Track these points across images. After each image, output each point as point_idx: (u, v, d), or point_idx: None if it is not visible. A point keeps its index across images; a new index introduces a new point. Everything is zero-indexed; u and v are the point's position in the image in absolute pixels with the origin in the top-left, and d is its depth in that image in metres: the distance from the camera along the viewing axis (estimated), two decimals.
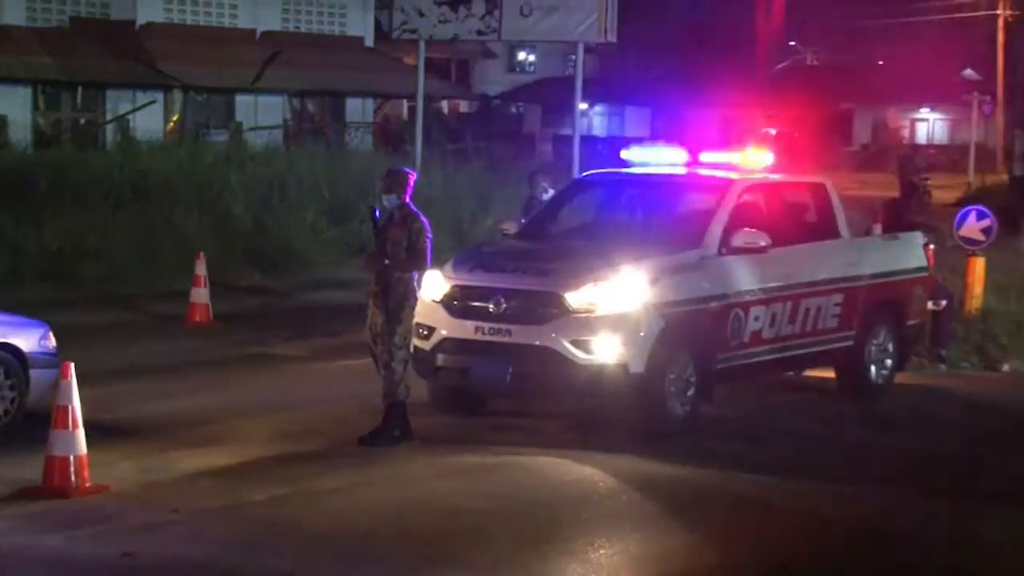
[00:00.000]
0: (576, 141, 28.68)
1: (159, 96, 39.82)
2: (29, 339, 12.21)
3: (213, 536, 9.35)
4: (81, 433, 10.16)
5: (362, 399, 12.76)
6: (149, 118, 38.41)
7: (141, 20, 40.56)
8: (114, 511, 9.78)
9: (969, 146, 59.36)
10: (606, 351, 11.95)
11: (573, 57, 30.55)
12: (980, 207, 18.36)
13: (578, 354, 11.97)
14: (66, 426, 10.10)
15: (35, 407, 11.58)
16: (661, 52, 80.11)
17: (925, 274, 15.22)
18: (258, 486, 10.52)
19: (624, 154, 14.75)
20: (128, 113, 38.21)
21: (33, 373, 12.01)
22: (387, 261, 11.93)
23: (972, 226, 17.69)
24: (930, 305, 15.53)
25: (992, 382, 15.86)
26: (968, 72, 70.29)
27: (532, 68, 77.57)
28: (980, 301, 17.47)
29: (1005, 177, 40.25)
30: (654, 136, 44.73)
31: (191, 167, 27.14)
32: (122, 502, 10.01)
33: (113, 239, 21.89)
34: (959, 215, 18.21)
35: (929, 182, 40.90)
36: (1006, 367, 16.32)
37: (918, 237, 15.46)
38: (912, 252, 15.12)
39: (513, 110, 74.04)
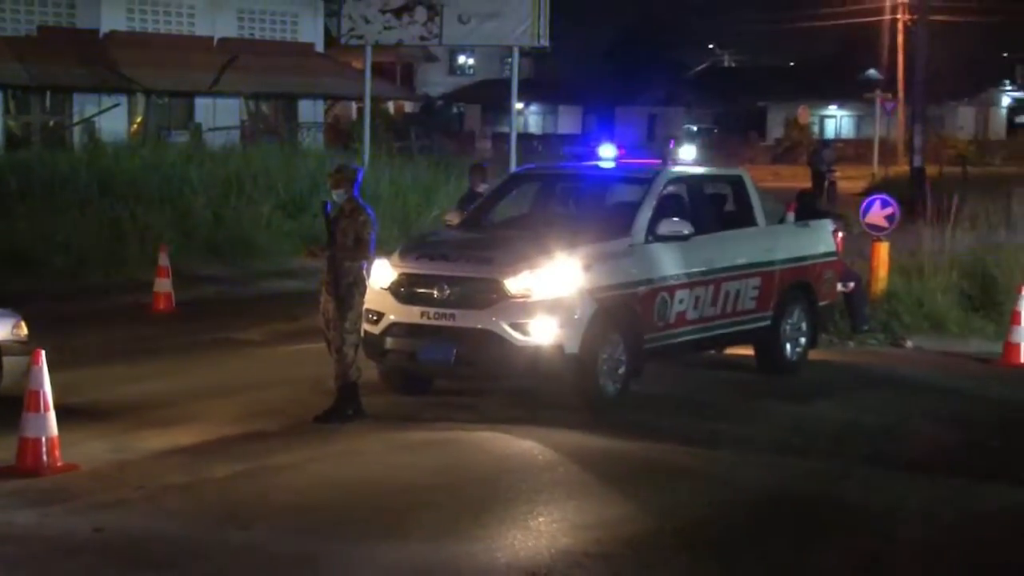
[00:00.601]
0: (513, 138, 28.72)
1: (123, 100, 39.70)
2: (2, 328, 12.03)
3: (178, 511, 9.29)
4: (52, 415, 10.11)
5: (316, 380, 12.71)
6: (114, 120, 38.32)
7: (105, 28, 40.62)
8: (84, 489, 9.70)
9: (873, 140, 59.81)
10: (543, 333, 11.94)
11: (510, 60, 30.42)
12: (884, 196, 18.47)
13: (517, 336, 11.96)
14: (37, 409, 10.04)
15: (8, 392, 11.37)
16: (592, 55, 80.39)
17: (834, 259, 15.31)
18: (220, 463, 10.46)
19: (600, 149, 14.71)
20: (94, 116, 38.05)
21: (5, 360, 11.81)
22: (335, 252, 11.85)
23: (876, 214, 17.80)
24: (840, 287, 15.63)
25: (897, 358, 15.96)
26: (871, 72, 70.88)
27: (472, 71, 77.71)
28: (885, 283, 17.59)
29: (906, 168, 40.46)
30: (587, 137, 44.90)
31: (154, 165, 27.00)
32: (92, 480, 9.93)
33: (81, 233, 21.71)
34: (864, 204, 18.32)
35: (837, 174, 41.40)
36: (909, 344, 16.44)
37: (828, 224, 15.55)
38: (822, 238, 15.20)
39: (454, 110, 74.20)
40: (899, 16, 64.38)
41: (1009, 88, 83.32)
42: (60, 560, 8.25)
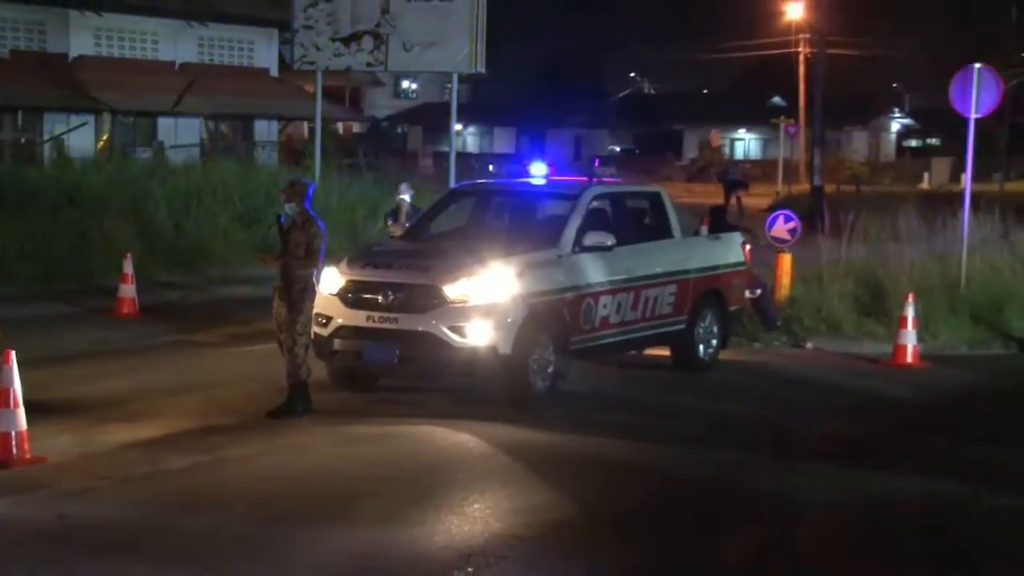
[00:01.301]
0: (452, 156, 28.78)
1: (90, 119, 39.50)
2: None
3: (139, 500, 9.21)
4: (21, 411, 9.99)
5: (269, 379, 12.59)
6: (82, 138, 38.02)
7: (74, 53, 40.50)
8: (51, 479, 9.59)
9: (778, 161, 60.38)
10: (479, 335, 11.92)
11: (449, 85, 30.39)
12: (787, 212, 18.63)
13: (455, 338, 11.95)
14: (8, 405, 9.93)
15: None
16: (525, 80, 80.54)
17: (743, 268, 15.39)
18: (179, 455, 10.37)
19: (532, 166, 14.77)
20: (63, 134, 37.72)
21: None
22: (288, 260, 11.81)
23: (780, 228, 17.92)
24: (748, 294, 15.70)
25: (798, 358, 16.06)
26: (776, 99, 71.54)
27: (414, 94, 77.74)
28: (788, 290, 17.73)
29: (807, 187, 40.88)
30: (520, 156, 44.94)
31: (119, 180, 26.76)
32: (58, 471, 9.81)
33: (50, 242, 21.50)
34: (770, 219, 18.44)
35: (746, 190, 41.74)
36: (809, 345, 16.55)
37: (737, 237, 15.63)
38: (732, 250, 15.27)
39: (399, 130, 74.17)
40: (800, 49, 64.90)
41: (898, 115, 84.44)
42: (27, 545, 8.13)
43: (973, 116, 18.10)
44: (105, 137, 39.65)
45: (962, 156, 19.13)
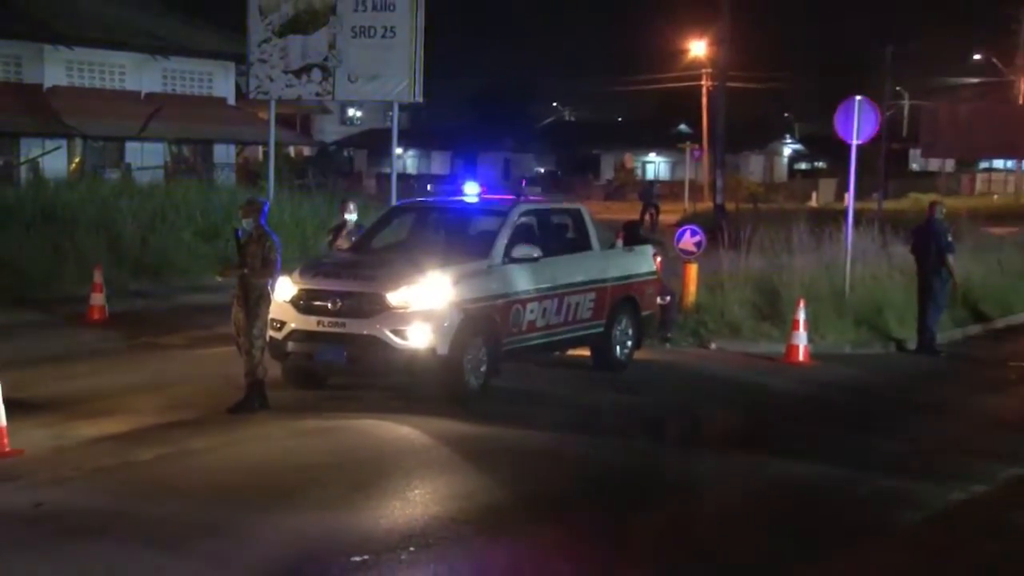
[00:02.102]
0: (394, 177, 28.58)
1: (63, 143, 39.16)
2: None
3: (109, 488, 9.12)
4: (1, 408, 9.83)
5: (228, 378, 12.47)
6: (56, 161, 37.74)
7: (48, 83, 40.14)
8: (27, 470, 9.47)
9: (684, 181, 60.82)
10: (419, 338, 11.89)
11: (391, 112, 30.31)
12: (693, 227, 18.69)
13: (397, 341, 11.91)
14: None
15: None
16: (459, 107, 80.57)
17: (654, 277, 15.42)
18: (145, 447, 10.27)
19: (465, 186, 14.69)
20: (38, 157, 37.42)
21: None
22: (245, 271, 11.75)
23: (687, 241, 18.01)
24: (659, 300, 15.76)
25: (704, 357, 16.12)
26: (683, 126, 72.10)
27: (359, 121, 77.43)
28: (694, 297, 17.81)
29: (710, 204, 41.20)
30: (454, 177, 44.97)
31: (90, 198, 26.47)
32: (34, 463, 9.68)
33: (27, 255, 21.22)
34: (678, 233, 18.52)
35: (657, 208, 42.14)
36: (713, 346, 16.64)
37: (649, 249, 15.67)
38: (645, 261, 15.32)
39: (345, 153, 73.84)
40: (703, 83, 65.49)
41: (789, 141, 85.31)
42: (5, 530, 8.04)
43: (855, 142, 18.33)
44: (77, 160, 39.37)
45: (846, 177, 19.34)
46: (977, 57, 68.58)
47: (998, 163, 74.43)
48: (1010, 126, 57.13)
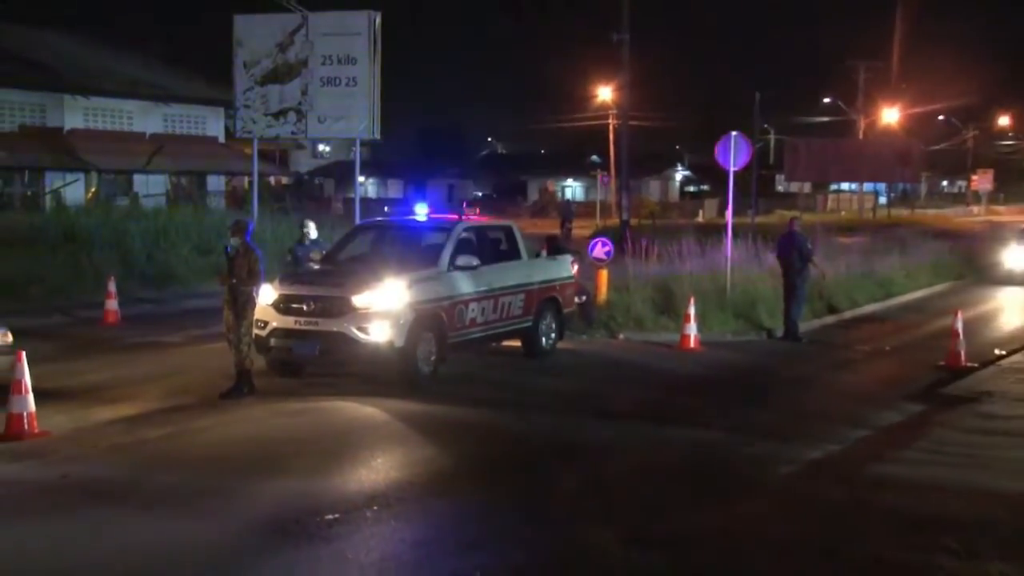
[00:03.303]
0: (357, 201, 28.47)
1: (81, 176, 38.85)
2: None
3: (123, 462, 9.02)
4: (31, 397, 9.77)
5: (221, 369, 12.36)
6: (75, 191, 37.49)
7: (68, 126, 39.80)
8: (53, 448, 9.37)
9: (596, 202, 61.08)
10: (379, 333, 11.85)
11: (354, 148, 30.14)
12: (604, 239, 18.76)
13: (361, 336, 11.86)
14: (20, 392, 9.73)
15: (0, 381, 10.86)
16: (410, 142, 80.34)
17: (572, 281, 15.48)
18: (153, 427, 10.19)
19: (416, 208, 14.67)
20: (60, 188, 37.07)
21: None
22: (234, 280, 11.71)
23: (599, 251, 18.10)
24: (577, 300, 15.81)
25: (614, 346, 16.17)
26: (595, 157, 72.39)
27: (328, 154, 76.98)
28: (605, 296, 17.87)
29: (617, 221, 41.37)
30: (407, 200, 44.79)
31: (104, 221, 26.14)
32: (59, 442, 9.58)
33: (52, 269, 20.99)
34: (591, 244, 18.58)
35: (574, 223, 42.24)
36: (622, 336, 16.69)
37: (568, 258, 15.72)
38: (564, 267, 15.37)
39: (316, 182, 73.38)
40: (610, 121, 65.76)
41: (680, 168, 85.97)
42: (36, 499, 7.97)
43: (732, 169, 18.52)
44: (93, 190, 39.01)
45: (725, 197, 19.56)
46: (827, 100, 69.93)
47: (844, 185, 75.66)
48: (852, 157, 58.99)
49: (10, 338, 11.59)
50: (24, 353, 10.01)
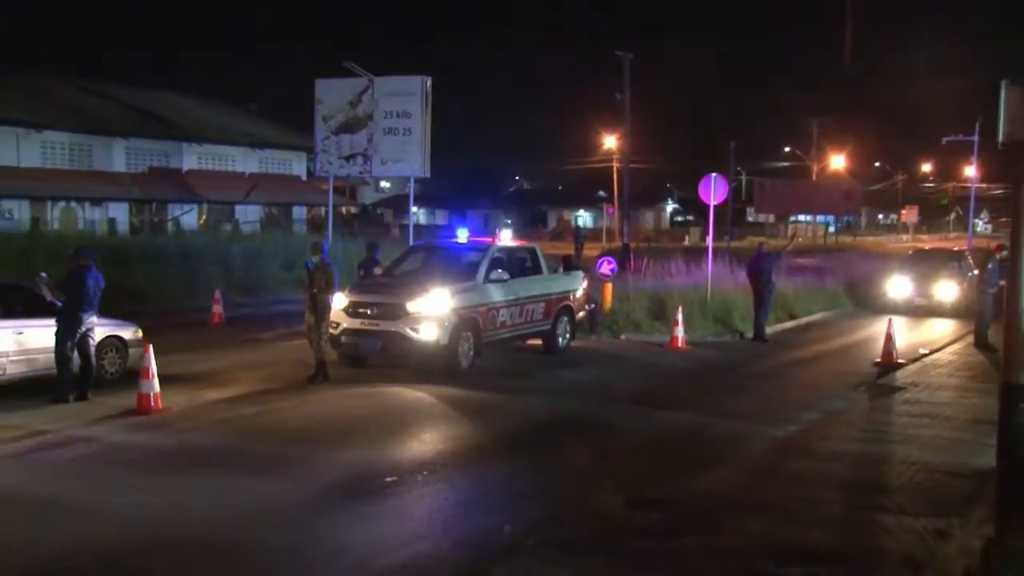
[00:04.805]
0: (411, 227, 28.59)
1: (195, 207, 39.42)
2: (127, 332, 11.65)
3: (226, 433, 9.09)
4: (156, 380, 9.87)
5: (302, 360, 12.43)
6: (190, 219, 38.09)
7: (185, 167, 40.34)
8: (173, 421, 9.47)
9: (602, 229, 60.87)
10: (428, 333, 11.89)
11: (409, 183, 30.25)
12: (609, 258, 18.70)
13: (413, 335, 11.90)
14: (148, 377, 9.83)
15: (132, 368, 11.03)
16: (454, 179, 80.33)
17: (583, 292, 15.42)
18: (249, 406, 10.24)
19: (457, 232, 14.63)
20: (178, 216, 37.58)
21: (131, 350, 11.48)
22: (315, 289, 11.77)
23: (605, 268, 18.04)
24: (587, 307, 15.78)
25: (617, 344, 16.10)
26: (601, 192, 72.17)
27: (388, 189, 77.20)
28: (610, 304, 17.81)
29: (619, 244, 41.23)
30: (450, 225, 44.85)
31: (212, 243, 26.43)
32: (177, 416, 9.67)
33: (170, 280, 21.14)
34: (598, 263, 18.50)
35: (584, 245, 42.11)
36: (623, 337, 16.63)
37: (580, 273, 15.68)
38: (577, 281, 15.31)
39: (378, 211, 73.51)
40: (614, 163, 65.55)
41: (670, 202, 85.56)
42: (158, 460, 8.04)
43: (712, 203, 18.45)
44: (204, 218, 39.43)
45: (706, 226, 19.45)
46: (787, 149, 70.17)
47: (801, 217, 75.40)
48: (807, 194, 59.86)
49: (140, 334, 11.77)
50: (151, 346, 10.11)
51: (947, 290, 21.05)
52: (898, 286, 21.56)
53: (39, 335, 10.38)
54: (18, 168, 34.40)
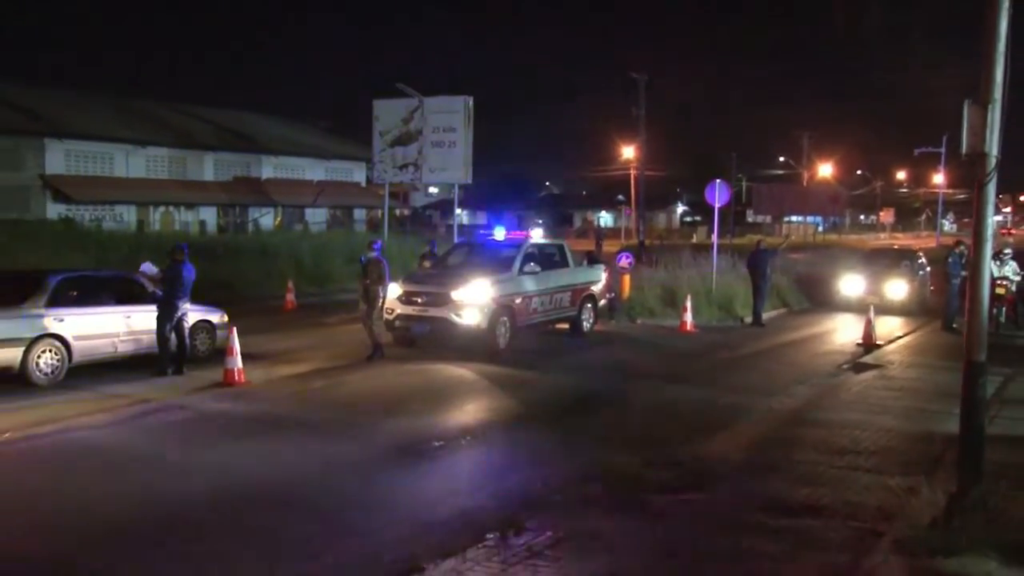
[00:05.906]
0: (455, 226, 28.80)
1: (272, 210, 39.48)
2: (215, 316, 11.83)
3: (297, 403, 9.20)
4: (239, 357, 9.99)
5: (362, 341, 12.45)
6: (267, 220, 38.17)
7: (263, 176, 40.37)
8: (253, 392, 9.59)
9: (621, 228, 60.46)
10: (470, 318, 11.94)
11: (454, 189, 30.30)
12: (627, 253, 18.62)
13: (458, 320, 11.96)
14: (232, 354, 9.95)
15: (219, 347, 11.19)
16: (491, 185, 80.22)
17: (604, 282, 15.35)
18: (318, 380, 10.35)
19: (495, 231, 14.66)
20: (258, 217, 37.87)
21: (217, 332, 11.65)
22: (367, 281, 11.85)
23: (623, 261, 17.96)
24: (607, 296, 15.73)
25: (634, 328, 16.01)
26: (620, 196, 71.68)
27: (436, 194, 77.37)
28: (628, 293, 17.72)
29: (635, 241, 40.94)
30: (489, 225, 44.86)
31: (285, 241, 26.65)
32: (257, 389, 9.79)
33: (249, 273, 21.32)
34: (617, 257, 18.44)
35: (604, 242, 41.90)
36: (639, 321, 16.54)
37: (601, 266, 15.61)
38: (599, 273, 15.23)
39: (427, 213, 73.67)
40: (632, 171, 65.05)
41: (680, 204, 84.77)
42: (242, 425, 8.14)
43: (717, 205, 18.27)
44: (279, 219, 39.68)
45: (711, 225, 19.26)
46: (782, 158, 69.62)
47: (794, 217, 74.51)
48: (799, 198, 59.57)
49: (226, 318, 11.96)
50: (235, 328, 10.27)
51: (897, 288, 19.04)
52: (851, 284, 19.55)
53: (144, 319, 10.63)
54: (127, 179, 35.20)
